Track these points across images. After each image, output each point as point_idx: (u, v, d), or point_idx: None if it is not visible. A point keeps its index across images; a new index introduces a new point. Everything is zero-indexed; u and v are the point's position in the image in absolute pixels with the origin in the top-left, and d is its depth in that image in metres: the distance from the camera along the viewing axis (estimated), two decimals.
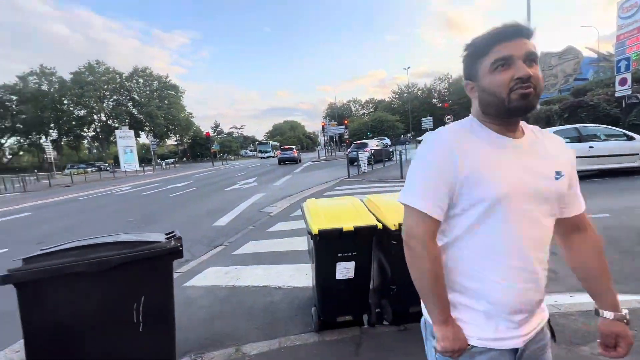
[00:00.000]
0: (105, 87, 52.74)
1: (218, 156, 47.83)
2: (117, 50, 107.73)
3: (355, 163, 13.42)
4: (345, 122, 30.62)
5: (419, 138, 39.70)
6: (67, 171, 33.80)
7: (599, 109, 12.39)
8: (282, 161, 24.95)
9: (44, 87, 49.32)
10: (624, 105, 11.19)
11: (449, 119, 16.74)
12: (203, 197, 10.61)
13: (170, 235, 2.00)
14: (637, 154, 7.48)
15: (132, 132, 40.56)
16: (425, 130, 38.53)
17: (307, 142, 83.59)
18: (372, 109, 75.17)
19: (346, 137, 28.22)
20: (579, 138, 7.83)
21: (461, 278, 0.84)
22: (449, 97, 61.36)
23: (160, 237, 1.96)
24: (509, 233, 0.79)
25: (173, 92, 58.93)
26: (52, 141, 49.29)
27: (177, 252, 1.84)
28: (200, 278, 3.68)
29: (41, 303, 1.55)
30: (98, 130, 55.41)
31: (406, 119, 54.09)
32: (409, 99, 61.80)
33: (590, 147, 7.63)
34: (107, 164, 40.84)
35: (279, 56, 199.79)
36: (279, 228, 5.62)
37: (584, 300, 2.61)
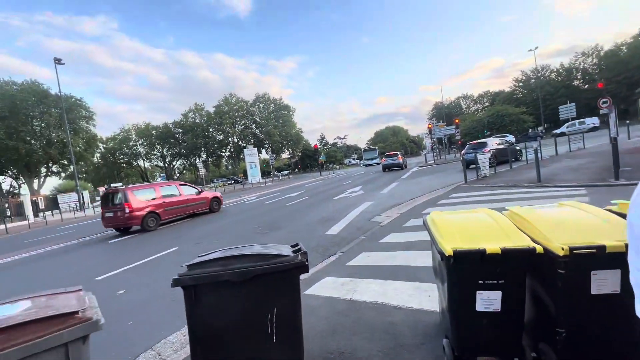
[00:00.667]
0: (236, 114, 64.54)
1: (325, 166, 50.88)
2: (244, 83, 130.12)
3: (473, 166, 11.77)
4: (456, 121, 27.59)
5: (555, 131, 32.16)
6: (212, 184, 42.43)
7: None
8: (387, 168, 24.34)
9: (197, 120, 64.31)
10: None
11: (605, 102, 12.76)
12: (315, 205, 11.28)
13: (296, 249, 2.06)
14: None
15: (255, 150, 47.92)
16: (566, 121, 30.87)
17: (411, 147, 79.60)
18: (487, 103, 65.70)
19: (457, 137, 25.36)
20: None
21: None
22: (600, 75, 47.53)
23: (287, 250, 2.03)
24: None
25: (286, 112, 66.84)
26: (203, 161, 63.72)
27: (303, 267, 1.87)
28: (318, 287, 3.77)
29: (199, 304, 1.79)
30: (232, 150, 67.75)
31: (536, 109, 44.75)
32: (539, 85, 50.94)
33: None
34: (239, 178, 49.67)
35: (377, 63, 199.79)
36: (392, 240, 5.33)
37: None
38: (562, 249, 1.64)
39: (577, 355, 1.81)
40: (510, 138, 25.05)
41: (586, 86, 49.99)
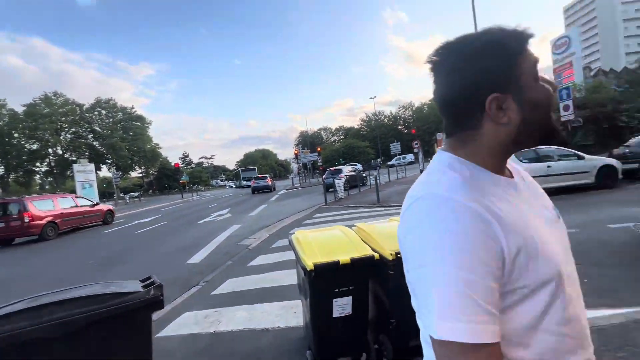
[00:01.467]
0: (63, 119, 49.93)
1: (187, 187, 46.01)
2: (77, 81, 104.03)
3: (331, 189, 13.45)
4: (318, 149, 31.15)
5: (388, 163, 41.15)
6: None
7: None
8: (256, 190, 24.46)
9: None
10: (569, 129, 12.46)
11: (416, 144, 17.65)
12: (173, 232, 9.94)
13: (148, 283, 1.76)
14: (589, 172, 8.20)
15: (92, 166, 37.96)
16: (394, 155, 40.04)
17: (280, 170, 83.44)
18: (342, 136, 77.50)
19: (319, 164, 28.55)
20: (538, 158, 8.48)
21: None
22: (414, 123, 65.17)
23: (135, 286, 1.71)
24: (572, 314, 0.55)
25: (139, 124, 57.04)
26: None
27: (156, 303, 1.61)
28: (176, 326, 3.28)
29: None
30: (53, 164, 51.49)
31: (375, 145, 56.24)
32: (377, 126, 64.81)
33: (548, 166, 8.27)
34: None
35: (248, 86, 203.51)
36: (260, 262, 5.31)
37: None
38: (391, 254, 2.09)
39: (405, 340, 2.29)
40: (359, 167, 30.26)
41: (405, 131, 67.03)
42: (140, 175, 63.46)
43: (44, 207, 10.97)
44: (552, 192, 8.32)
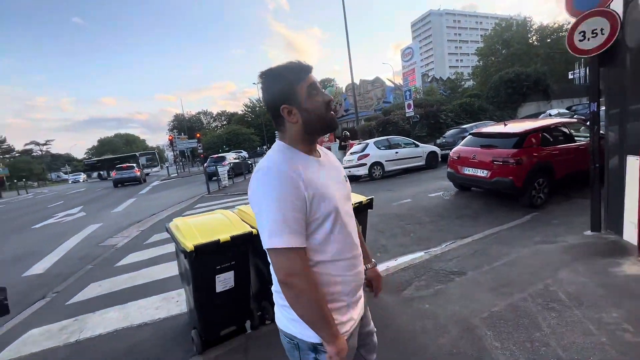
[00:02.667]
0: None
1: (8, 184, 34.26)
2: None
3: (215, 178, 12.87)
4: (198, 135, 28.65)
5: None
6: None
7: (398, 124, 17.04)
8: (120, 183, 20.60)
9: None
10: (411, 122, 15.92)
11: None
12: None
13: None
14: (421, 156, 10.82)
15: None
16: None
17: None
18: (225, 122, 73.40)
19: (200, 151, 26.44)
20: (389, 146, 10.57)
21: (328, 288, 0.93)
22: None
23: None
24: (346, 232, 0.97)
25: None
26: None
27: (1, 308, 1.41)
28: (19, 346, 2.71)
29: None
30: None
31: (261, 132, 55.92)
32: (262, 113, 64.19)
33: (396, 152, 10.45)
34: None
35: (98, 56, 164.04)
36: (132, 260, 4.78)
37: (403, 260, 3.68)
38: None
39: None
40: (244, 154, 29.63)
41: None
42: None
43: None
44: (400, 173, 10.60)
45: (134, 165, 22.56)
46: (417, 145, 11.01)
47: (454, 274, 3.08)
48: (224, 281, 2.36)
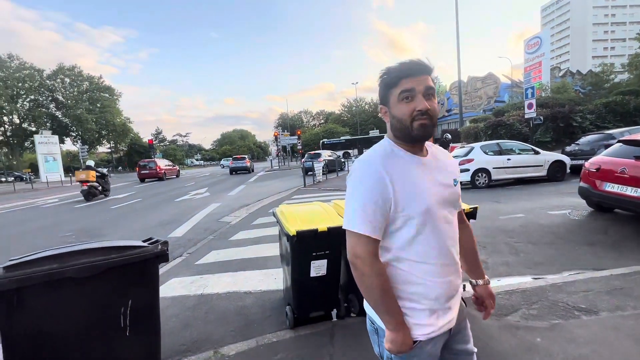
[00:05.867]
0: (19, 84, 45.78)
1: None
2: (30, 42, 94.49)
3: (310, 172, 13.79)
4: (299, 132, 31.13)
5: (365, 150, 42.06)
6: None
7: (513, 127, 14.71)
8: (234, 171, 24.33)
9: None
10: (531, 125, 13.50)
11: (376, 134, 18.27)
12: (151, 208, 9.93)
13: (152, 240, 2.04)
14: (542, 165, 9.11)
15: (55, 138, 35.54)
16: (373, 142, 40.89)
17: (258, 152, 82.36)
18: (322, 121, 77.30)
19: (299, 147, 28.69)
20: (500, 151, 9.27)
21: (406, 286, 0.95)
22: None
23: (141, 244, 1.99)
24: (438, 237, 0.95)
25: (107, 95, 53.54)
26: None
27: (164, 256, 1.91)
28: (164, 289, 3.56)
29: (22, 311, 1.51)
30: (8, 134, 47.53)
31: (355, 131, 56.74)
32: (357, 112, 65.03)
33: (508, 159, 9.09)
34: (24, 174, 35.06)
35: (226, 62, 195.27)
36: (242, 237, 5.63)
37: (508, 282, 3.23)
38: None
39: None
40: (339, 152, 30.72)
41: None
42: (109, 150, 60.23)
43: None
44: (511, 183, 9.20)
45: (246, 156, 26.21)
46: (537, 152, 9.33)
47: (580, 310, 2.54)
48: (318, 267, 2.57)
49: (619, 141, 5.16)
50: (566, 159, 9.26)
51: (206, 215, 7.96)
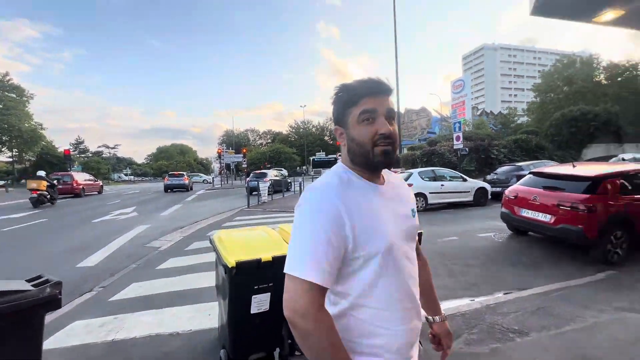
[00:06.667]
0: None
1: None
2: None
3: (255, 192, 13.26)
4: (244, 150, 30.22)
5: (313, 171, 42.70)
6: None
7: (444, 156, 16.36)
8: (170, 188, 22.21)
9: None
10: (459, 155, 15.18)
11: (339, 154, 18.85)
12: (59, 231, 8.32)
13: (40, 281, 1.56)
14: (469, 192, 10.14)
15: None
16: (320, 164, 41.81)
17: (199, 169, 77.63)
18: (270, 140, 76.86)
19: (244, 165, 27.73)
20: (434, 178, 10.09)
21: (365, 339, 0.81)
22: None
23: (22, 285, 1.50)
24: (401, 277, 0.82)
25: (14, 95, 45.54)
26: None
27: (54, 302, 1.46)
28: (62, 337, 2.83)
29: None
30: None
31: (302, 152, 57.50)
32: (305, 134, 66.42)
33: (442, 185, 9.92)
34: None
35: (168, 73, 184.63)
36: (172, 265, 4.94)
37: (448, 306, 3.30)
38: None
39: None
40: (284, 172, 30.48)
41: (331, 142, 70.52)
42: (10, 159, 50.52)
43: None
44: (444, 207, 10.00)
45: (184, 173, 24.25)
46: (464, 180, 10.39)
47: (514, 332, 2.66)
48: (260, 302, 2.27)
49: (530, 173, 5.96)
50: (488, 186, 10.48)
51: (130, 240, 6.92)
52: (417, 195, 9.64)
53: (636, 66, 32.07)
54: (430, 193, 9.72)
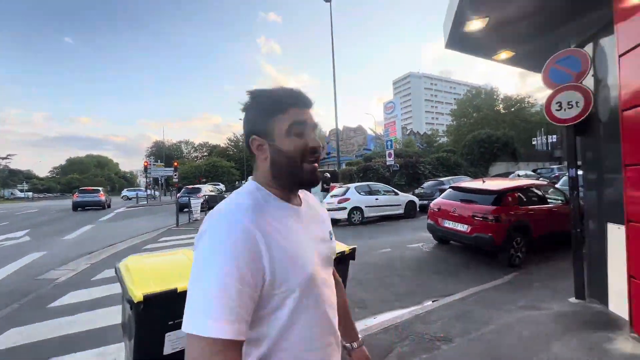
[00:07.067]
0: None
1: None
2: None
3: (186, 209, 12.16)
4: (175, 163, 27.86)
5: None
6: None
7: (379, 172, 17.43)
8: (80, 207, 19.03)
9: None
10: (391, 171, 16.35)
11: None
12: None
13: None
14: (401, 205, 10.88)
15: None
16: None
17: (122, 183, 69.01)
18: (206, 153, 72.75)
19: (175, 180, 25.49)
20: (370, 192, 10.60)
21: None
22: None
23: None
24: (320, 310, 0.72)
25: None
26: None
27: None
28: None
29: None
30: None
31: (242, 166, 55.66)
32: (244, 148, 64.61)
33: (376, 198, 10.45)
34: None
35: (82, 74, 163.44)
36: (70, 300, 4.08)
37: (383, 319, 3.35)
38: None
39: None
40: (221, 187, 28.87)
41: None
42: None
43: None
44: (379, 219, 10.50)
45: (100, 189, 21.12)
46: (397, 194, 11.13)
47: (440, 340, 2.78)
48: (175, 341, 1.94)
49: (450, 187, 6.63)
50: (416, 200, 11.39)
51: (16, 271, 5.59)
52: (355, 209, 9.97)
53: (523, 99, 39.64)
54: (366, 207, 10.14)
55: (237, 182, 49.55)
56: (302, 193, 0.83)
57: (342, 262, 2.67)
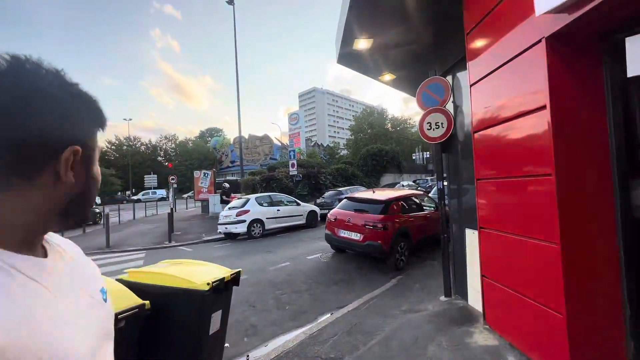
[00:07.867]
0: None
1: None
2: None
3: None
4: None
5: (132, 197, 35.89)
6: None
7: (282, 182, 17.34)
8: None
9: None
10: (294, 181, 16.47)
11: (172, 179, 16.58)
12: None
13: None
14: (302, 215, 10.93)
15: None
16: (149, 188, 35.61)
17: None
18: None
19: None
20: (271, 203, 10.28)
21: None
22: (175, 157, 61.96)
23: None
24: None
25: None
26: None
27: None
28: None
29: None
30: None
31: (126, 174, 47.55)
32: (130, 153, 55.54)
33: (278, 210, 10.21)
34: None
35: None
36: None
37: (275, 345, 3.04)
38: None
39: None
40: (97, 200, 23.79)
41: (166, 163, 62.15)
42: None
43: None
44: (280, 231, 10.26)
45: None
46: (298, 204, 11.15)
47: None
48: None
49: (345, 197, 6.92)
50: (317, 209, 11.67)
51: None
52: (255, 221, 9.47)
53: (406, 120, 47.02)
54: (267, 218, 9.77)
55: (118, 193, 42.07)
56: (50, 237, 0.56)
57: (220, 293, 2.25)
